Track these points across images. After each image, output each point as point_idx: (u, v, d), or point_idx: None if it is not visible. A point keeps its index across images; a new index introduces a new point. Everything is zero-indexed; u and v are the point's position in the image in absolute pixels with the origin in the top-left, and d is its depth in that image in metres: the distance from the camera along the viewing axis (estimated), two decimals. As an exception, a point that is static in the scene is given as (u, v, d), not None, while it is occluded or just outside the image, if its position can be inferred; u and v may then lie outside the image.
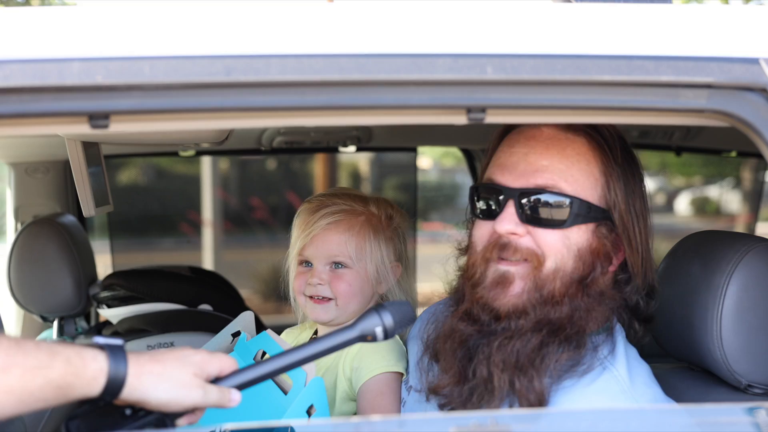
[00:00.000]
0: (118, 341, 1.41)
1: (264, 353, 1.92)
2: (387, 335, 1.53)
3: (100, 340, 1.41)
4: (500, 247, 1.71)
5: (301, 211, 2.10)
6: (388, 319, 1.53)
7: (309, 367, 1.77)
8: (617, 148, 1.75)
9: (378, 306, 1.55)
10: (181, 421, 1.47)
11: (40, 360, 1.32)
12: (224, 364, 1.50)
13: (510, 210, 1.71)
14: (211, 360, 1.49)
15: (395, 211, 2.13)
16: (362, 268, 2.03)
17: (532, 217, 1.70)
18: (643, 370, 1.75)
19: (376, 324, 1.52)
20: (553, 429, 1.54)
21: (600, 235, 1.72)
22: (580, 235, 1.70)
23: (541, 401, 1.64)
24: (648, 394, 1.70)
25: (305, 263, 2.06)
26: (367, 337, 1.52)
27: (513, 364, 1.65)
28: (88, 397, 1.37)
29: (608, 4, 1.60)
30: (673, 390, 1.80)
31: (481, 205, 1.78)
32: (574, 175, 1.72)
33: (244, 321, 2.09)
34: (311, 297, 2.03)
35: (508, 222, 1.70)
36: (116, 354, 1.39)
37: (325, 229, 2.03)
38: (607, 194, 1.73)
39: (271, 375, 1.53)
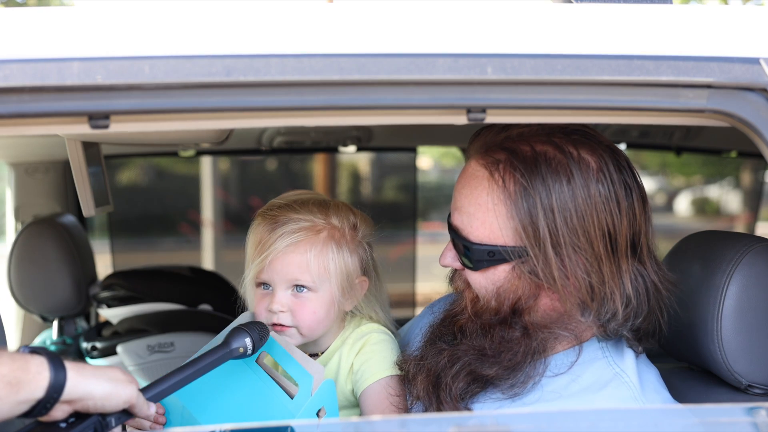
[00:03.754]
0: (44, 348, 1.44)
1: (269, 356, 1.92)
2: (255, 348, 1.74)
3: (27, 348, 1.43)
4: (452, 275, 1.81)
5: (256, 228, 1.93)
6: (255, 335, 1.74)
7: (317, 370, 1.78)
8: (542, 177, 1.62)
9: (243, 325, 1.75)
10: None
11: None
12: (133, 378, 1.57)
13: (450, 244, 1.77)
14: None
15: (359, 219, 1.96)
16: (326, 290, 1.88)
17: (458, 254, 1.75)
18: (652, 375, 1.75)
19: (245, 337, 1.73)
20: (553, 429, 1.54)
21: (520, 272, 1.66)
22: (498, 275, 1.69)
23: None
24: (658, 401, 1.70)
25: (264, 285, 1.91)
26: (239, 349, 1.72)
27: (433, 373, 1.74)
28: (34, 398, 1.37)
29: (608, 4, 1.60)
30: (674, 390, 1.80)
31: None
32: (482, 218, 1.68)
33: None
34: (274, 325, 1.88)
35: (444, 257, 1.78)
36: (50, 354, 1.42)
37: (284, 252, 1.85)
38: (523, 230, 1.64)
39: (177, 387, 1.64)
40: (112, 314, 3.26)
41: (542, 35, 1.51)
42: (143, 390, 1.56)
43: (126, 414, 1.52)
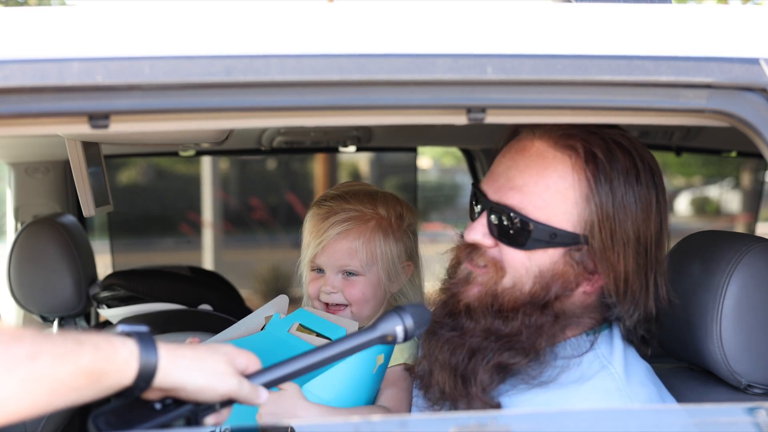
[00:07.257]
0: (143, 328, 1.37)
1: (300, 325, 1.99)
2: (407, 336, 1.56)
3: (125, 328, 1.37)
4: (471, 248, 1.76)
5: (311, 216, 2.10)
6: (409, 321, 1.55)
7: (349, 324, 1.87)
8: (615, 171, 1.67)
9: (398, 308, 1.57)
10: (209, 420, 1.42)
11: (68, 347, 1.28)
12: (251, 360, 1.47)
13: (482, 220, 1.73)
14: (240, 354, 1.46)
15: (405, 209, 2.13)
16: (374, 273, 2.05)
17: (499, 232, 1.71)
18: (640, 370, 1.75)
19: (396, 324, 1.54)
20: (553, 429, 1.54)
21: (570, 259, 1.68)
22: (544, 258, 1.68)
23: (485, 404, 1.68)
24: (643, 394, 1.70)
25: (318, 270, 2.08)
26: (387, 338, 1.55)
27: (452, 367, 1.70)
28: (121, 385, 1.32)
29: (608, 4, 1.60)
30: (673, 390, 1.80)
31: (473, 205, 1.82)
32: (546, 200, 1.68)
33: (279, 305, 2.10)
34: (326, 304, 2.06)
35: (476, 232, 1.74)
36: (144, 339, 1.35)
37: (335, 239, 2.04)
38: (587, 219, 1.67)
39: (297, 374, 1.50)
40: (112, 314, 3.25)
41: (542, 35, 1.51)
42: (254, 376, 1.46)
43: (228, 402, 1.42)
